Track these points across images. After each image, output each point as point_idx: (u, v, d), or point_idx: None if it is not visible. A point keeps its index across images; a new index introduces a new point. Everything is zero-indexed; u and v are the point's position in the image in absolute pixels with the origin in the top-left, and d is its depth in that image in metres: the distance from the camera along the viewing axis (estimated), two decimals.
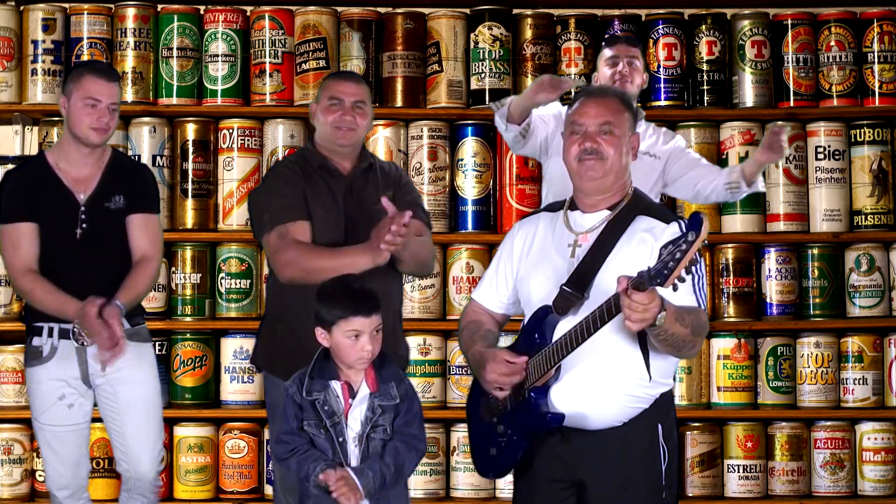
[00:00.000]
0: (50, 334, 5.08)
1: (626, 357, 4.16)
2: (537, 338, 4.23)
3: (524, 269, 4.38)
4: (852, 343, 6.83)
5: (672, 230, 4.15)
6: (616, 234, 4.21)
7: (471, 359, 4.42)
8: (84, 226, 5.10)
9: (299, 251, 4.74)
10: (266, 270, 6.12)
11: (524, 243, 4.40)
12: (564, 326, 4.16)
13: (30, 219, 5.10)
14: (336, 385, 4.30)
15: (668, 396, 4.32)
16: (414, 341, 6.78)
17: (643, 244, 4.18)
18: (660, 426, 4.25)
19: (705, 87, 6.94)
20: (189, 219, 6.82)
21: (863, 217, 6.87)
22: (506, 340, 4.51)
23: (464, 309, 4.61)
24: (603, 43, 5.75)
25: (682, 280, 3.84)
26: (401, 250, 4.70)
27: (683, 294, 3.99)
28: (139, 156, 6.72)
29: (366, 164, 4.96)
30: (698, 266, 3.89)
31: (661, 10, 6.99)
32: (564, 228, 4.32)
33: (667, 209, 4.47)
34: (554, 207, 4.44)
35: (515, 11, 6.98)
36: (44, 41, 6.87)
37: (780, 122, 5.50)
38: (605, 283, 4.10)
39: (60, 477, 5.19)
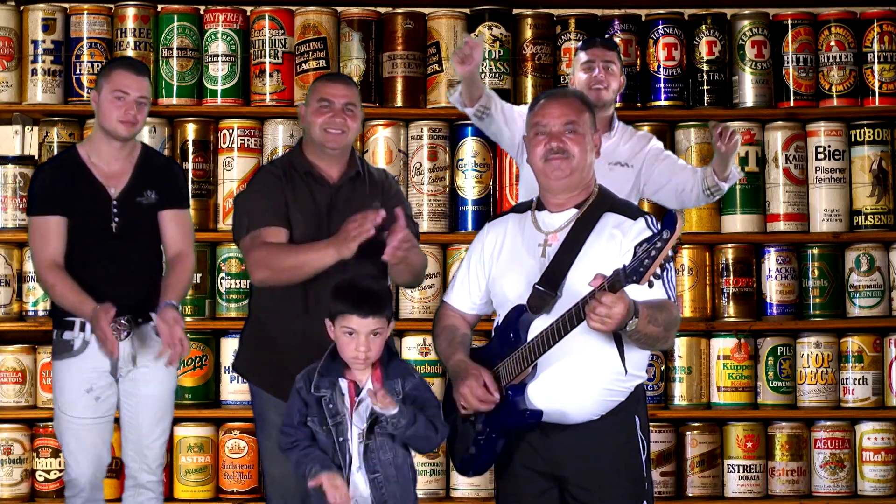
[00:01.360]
0: (82, 328, 5.13)
1: (602, 352, 4.23)
2: (512, 337, 4.31)
3: (496, 270, 4.46)
4: (852, 343, 6.83)
5: (640, 226, 4.26)
6: (585, 232, 4.30)
7: (451, 367, 4.46)
8: (117, 220, 5.15)
9: (268, 250, 4.71)
10: None
11: (494, 244, 4.48)
12: (539, 325, 4.24)
13: (60, 213, 5.14)
14: (343, 383, 4.31)
15: (641, 388, 4.39)
16: (414, 341, 6.79)
17: (612, 240, 4.27)
18: (637, 418, 4.33)
19: (705, 87, 6.94)
20: None
21: (863, 217, 6.87)
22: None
23: (437, 312, 4.66)
24: (578, 47, 5.73)
25: (658, 277, 3.89)
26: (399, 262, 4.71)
27: (655, 288, 4.05)
28: None
29: (353, 172, 4.88)
30: (671, 263, 3.98)
31: (661, 10, 7.00)
32: (533, 228, 4.40)
33: (632, 205, 4.53)
34: (521, 208, 4.53)
35: (515, 11, 6.98)
36: (44, 41, 6.87)
37: (711, 123, 5.43)
38: (577, 281, 4.18)
39: (82, 472, 5.27)
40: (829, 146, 6.90)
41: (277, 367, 4.78)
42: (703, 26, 6.95)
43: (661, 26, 6.95)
